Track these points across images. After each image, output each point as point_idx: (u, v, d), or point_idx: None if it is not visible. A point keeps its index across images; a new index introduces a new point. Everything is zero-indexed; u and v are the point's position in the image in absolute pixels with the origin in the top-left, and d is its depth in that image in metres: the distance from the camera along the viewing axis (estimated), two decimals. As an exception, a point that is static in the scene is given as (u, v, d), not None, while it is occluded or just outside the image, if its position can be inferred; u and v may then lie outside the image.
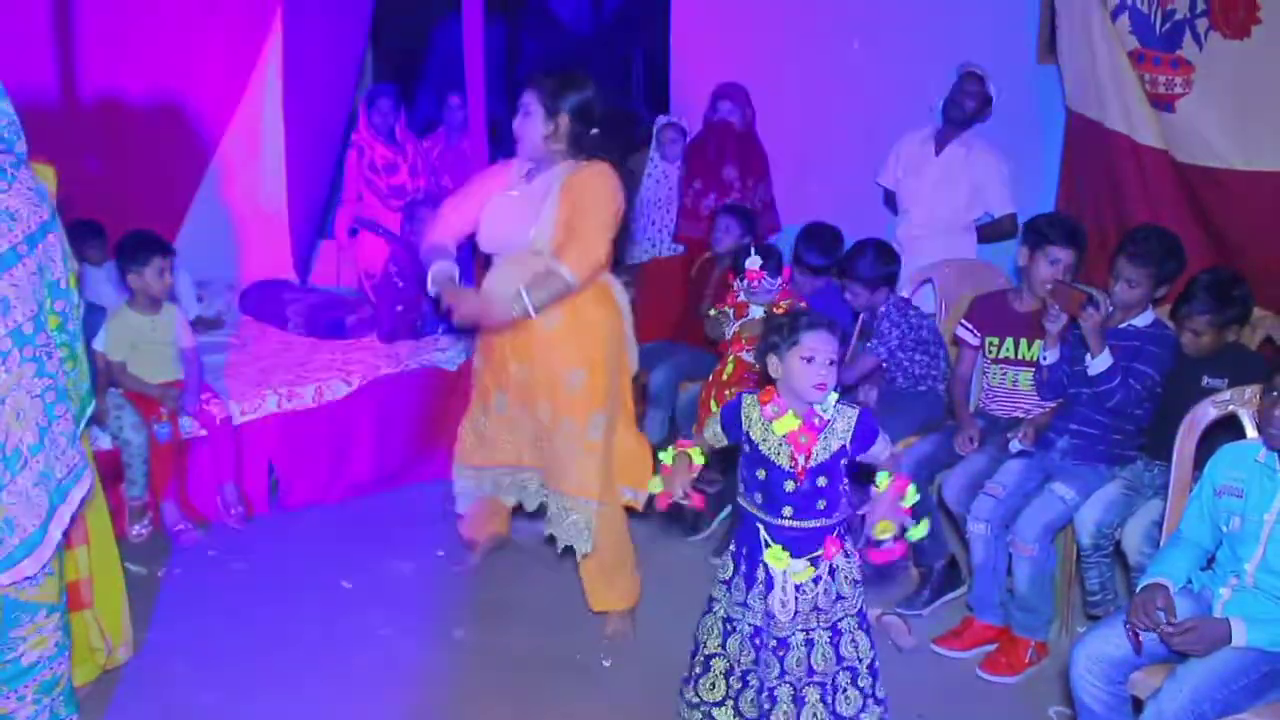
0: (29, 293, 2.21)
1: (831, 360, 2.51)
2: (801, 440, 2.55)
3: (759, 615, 2.61)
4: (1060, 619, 3.47)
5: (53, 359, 2.29)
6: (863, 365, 3.97)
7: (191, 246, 5.18)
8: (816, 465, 2.55)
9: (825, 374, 2.50)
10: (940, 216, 4.59)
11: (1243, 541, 2.49)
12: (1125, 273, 3.29)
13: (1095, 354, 3.22)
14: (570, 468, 3.29)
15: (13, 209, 2.19)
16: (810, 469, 2.55)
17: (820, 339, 2.51)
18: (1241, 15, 3.96)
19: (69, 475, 2.34)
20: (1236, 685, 2.35)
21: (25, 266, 2.21)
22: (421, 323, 4.90)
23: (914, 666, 3.38)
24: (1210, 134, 4.14)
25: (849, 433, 2.56)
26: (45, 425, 2.26)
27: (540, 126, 3.18)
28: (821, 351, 2.50)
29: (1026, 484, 3.39)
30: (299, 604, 3.68)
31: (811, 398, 2.53)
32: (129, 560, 3.55)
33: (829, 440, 2.56)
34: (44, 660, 2.43)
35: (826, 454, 2.56)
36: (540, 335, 3.21)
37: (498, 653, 3.41)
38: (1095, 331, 3.21)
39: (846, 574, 2.63)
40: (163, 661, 3.29)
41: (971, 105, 4.68)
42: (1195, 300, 3.25)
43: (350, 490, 4.50)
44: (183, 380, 4.13)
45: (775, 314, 4.03)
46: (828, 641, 2.60)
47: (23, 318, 2.19)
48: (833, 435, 2.56)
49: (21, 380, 2.20)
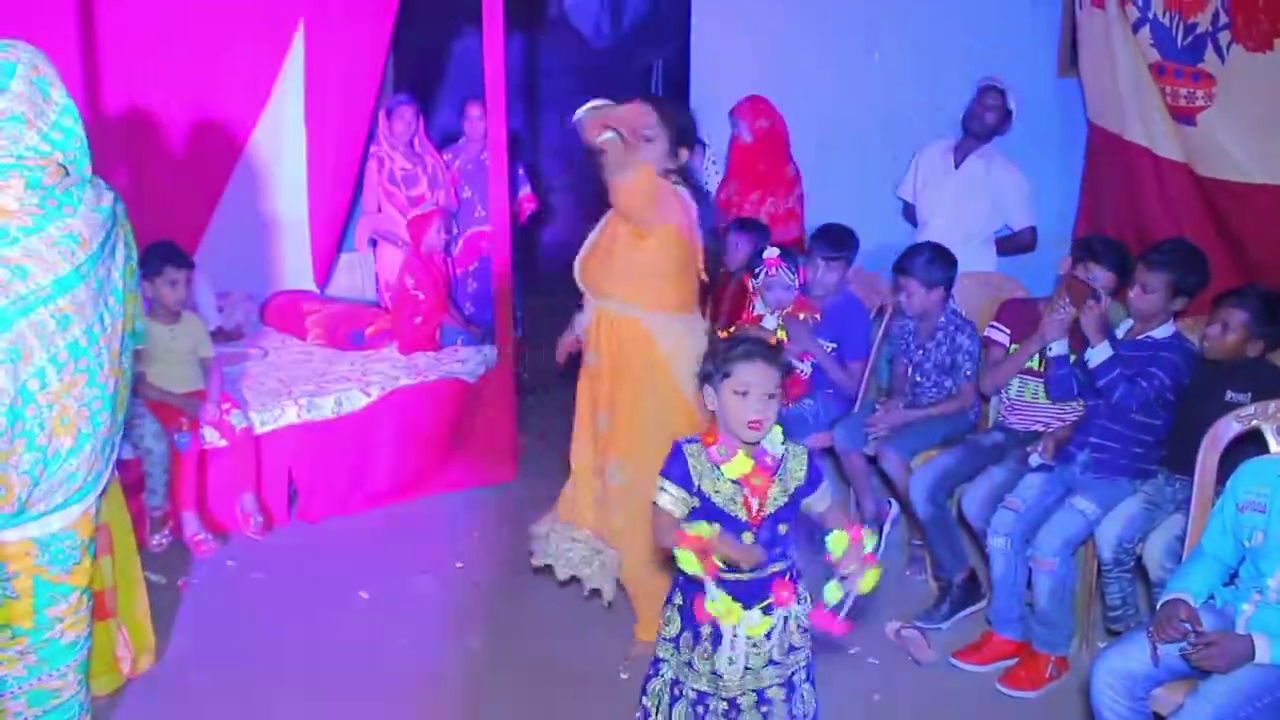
0: (89, 309, 2.31)
1: (770, 394, 2.28)
2: (755, 483, 2.33)
3: (703, 678, 2.38)
4: (1081, 634, 3.45)
5: (104, 370, 2.38)
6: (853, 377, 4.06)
7: (213, 257, 5.22)
8: (775, 511, 2.35)
9: (761, 409, 2.28)
10: (960, 229, 4.57)
11: (1265, 557, 2.48)
12: (1141, 278, 3.29)
13: (1094, 345, 3.27)
14: (598, 507, 3.35)
15: (76, 231, 2.28)
16: (768, 516, 2.35)
17: (756, 371, 2.28)
18: (1264, 28, 3.95)
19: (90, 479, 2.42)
20: (1260, 703, 2.33)
21: (88, 286, 2.30)
22: (440, 334, 4.92)
23: (933, 680, 3.37)
24: (1231, 147, 4.13)
25: (803, 472, 2.38)
26: (89, 432, 2.37)
27: (647, 115, 3.17)
28: (757, 385, 2.28)
29: (1047, 498, 3.37)
30: (317, 615, 3.69)
31: (745, 436, 2.30)
32: (149, 569, 3.55)
33: (785, 482, 2.36)
34: (81, 640, 2.53)
35: (784, 498, 2.36)
36: (588, 369, 3.34)
37: (515, 664, 3.41)
38: (1095, 324, 3.29)
39: (799, 620, 2.41)
40: (182, 671, 3.31)
41: (992, 119, 4.67)
42: (1245, 300, 3.16)
43: (369, 501, 4.51)
44: (204, 390, 4.15)
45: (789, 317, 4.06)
46: (784, 700, 2.40)
47: (80, 332, 2.29)
48: (788, 476, 2.37)
49: (73, 389, 2.30)
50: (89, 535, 2.52)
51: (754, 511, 2.33)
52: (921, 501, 3.64)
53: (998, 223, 4.76)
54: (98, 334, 2.35)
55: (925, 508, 3.64)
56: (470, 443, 4.71)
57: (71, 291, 2.27)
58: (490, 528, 4.40)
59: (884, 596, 3.81)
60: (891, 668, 3.43)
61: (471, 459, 4.72)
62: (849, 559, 2.31)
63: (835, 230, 4.24)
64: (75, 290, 2.27)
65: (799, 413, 4.05)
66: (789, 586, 2.36)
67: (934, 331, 3.94)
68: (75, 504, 2.43)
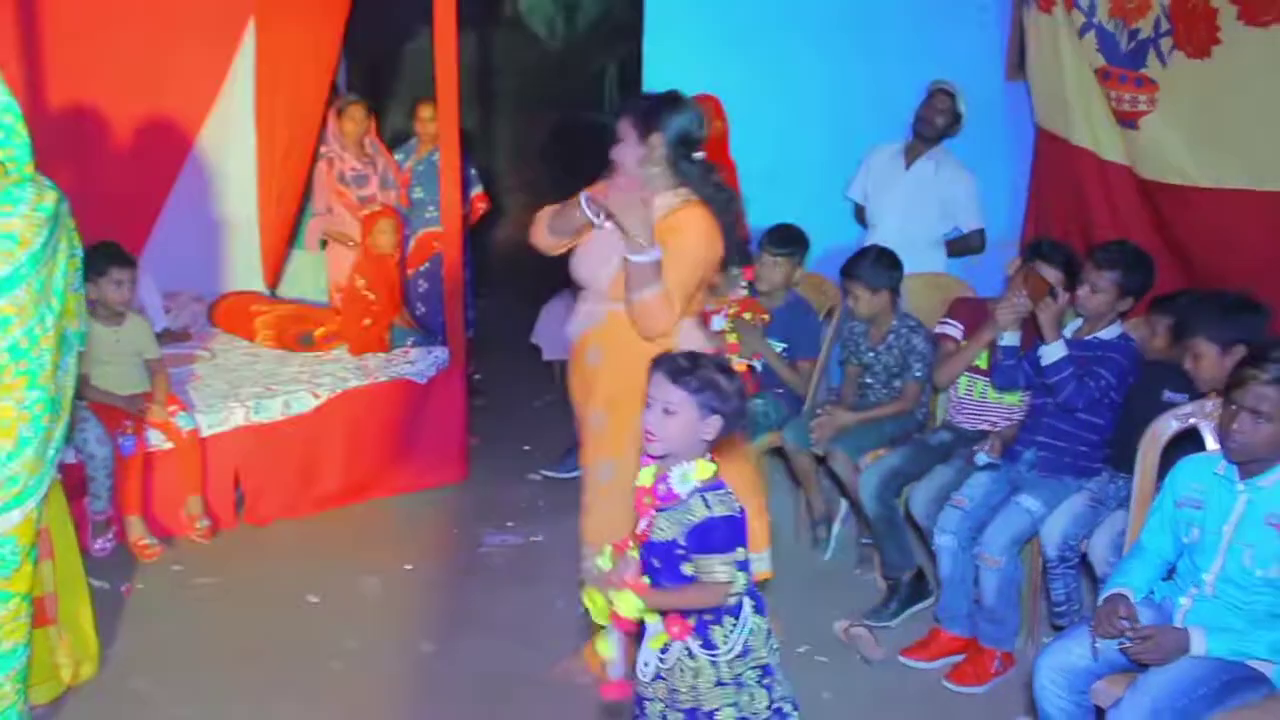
0: (30, 310, 2.28)
1: (666, 408, 2.19)
2: (644, 501, 2.26)
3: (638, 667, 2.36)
4: (1026, 630, 3.49)
5: (46, 372, 2.34)
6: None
7: (160, 257, 5.16)
8: (653, 542, 2.24)
9: (650, 420, 2.20)
10: (909, 231, 4.61)
11: (1202, 552, 2.52)
12: (1091, 278, 3.34)
13: (1049, 341, 3.31)
14: (589, 512, 3.21)
15: (15, 231, 2.26)
16: (647, 541, 2.25)
17: (653, 381, 2.22)
18: (1203, 35, 4.02)
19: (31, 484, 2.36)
20: (1196, 694, 2.37)
21: (28, 287, 2.27)
22: (391, 335, 4.88)
23: (882, 678, 3.39)
24: (1173, 151, 4.20)
25: (685, 528, 2.19)
26: (30, 436, 2.33)
27: (634, 151, 3.01)
28: (654, 396, 2.21)
29: (993, 496, 3.41)
30: (265, 619, 3.65)
31: (647, 448, 2.25)
32: (91, 575, 3.49)
33: (670, 521, 2.22)
34: (20, 648, 2.49)
35: (662, 535, 2.23)
36: (585, 370, 3.17)
37: (466, 667, 3.39)
38: (1051, 321, 3.33)
39: (702, 667, 2.27)
40: (126, 678, 3.26)
41: (941, 121, 4.72)
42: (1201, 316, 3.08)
43: (318, 503, 4.47)
44: (149, 392, 4.10)
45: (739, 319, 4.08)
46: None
47: (20, 334, 2.27)
48: (674, 520, 2.21)
49: (13, 392, 2.27)
50: (29, 541, 2.48)
51: (639, 528, 2.28)
52: (870, 500, 3.67)
53: (947, 225, 4.81)
54: (39, 335, 2.32)
55: (874, 507, 3.66)
56: (420, 444, 4.69)
57: (11, 293, 2.24)
58: (441, 529, 4.38)
59: (833, 595, 3.86)
60: (841, 666, 3.45)
61: (422, 460, 4.69)
62: (619, 569, 2.26)
63: (785, 228, 4.27)
64: (15, 292, 2.24)
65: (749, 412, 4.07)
66: (681, 621, 2.25)
67: (886, 335, 3.98)
68: (15, 509, 2.39)
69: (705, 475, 2.23)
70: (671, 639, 2.28)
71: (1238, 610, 2.48)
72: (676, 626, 2.26)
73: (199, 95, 5.34)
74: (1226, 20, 3.96)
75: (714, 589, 2.20)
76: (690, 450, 2.23)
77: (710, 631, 2.26)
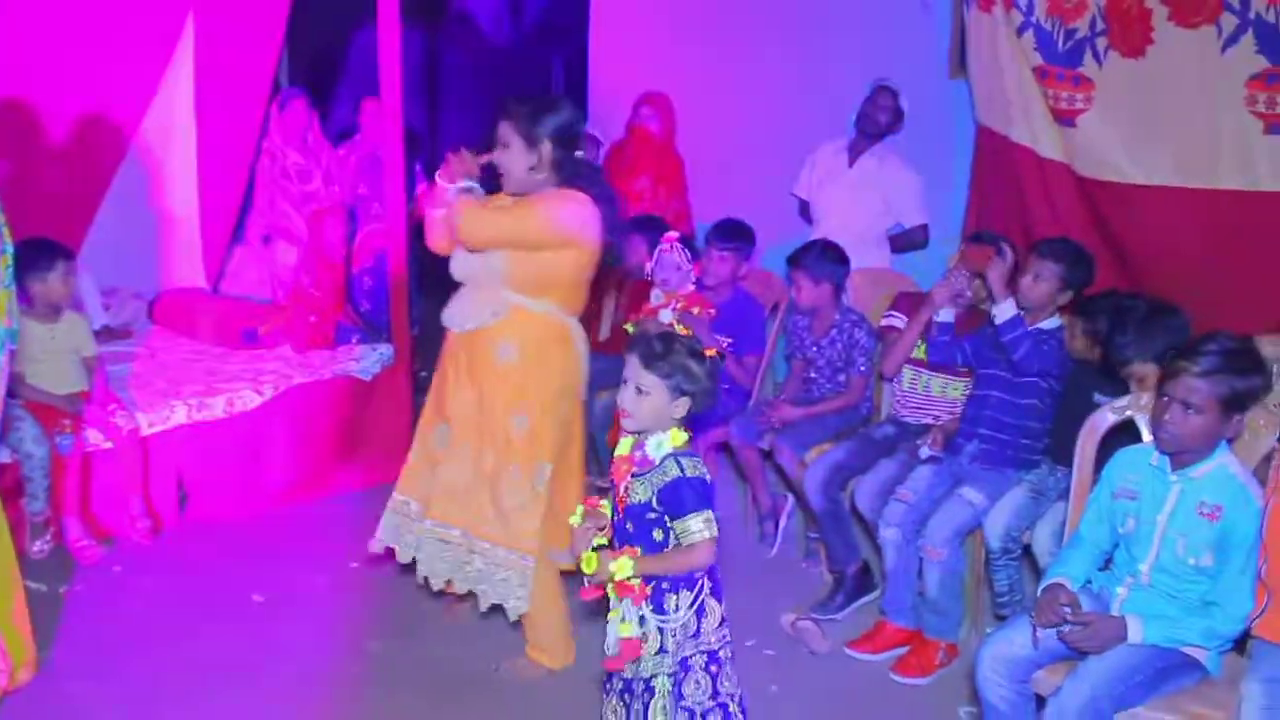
0: None
1: (639, 388, 2.36)
2: (621, 469, 2.42)
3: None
4: (970, 621, 3.54)
5: None
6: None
7: (99, 253, 5.07)
8: (628, 506, 2.40)
9: (625, 400, 2.38)
10: (854, 227, 4.66)
11: (1137, 542, 2.58)
12: (1034, 267, 3.39)
13: (999, 301, 3.34)
14: (509, 518, 3.10)
15: None
16: (625, 506, 2.40)
17: (628, 363, 2.39)
18: (1137, 35, 4.10)
19: None
20: (1133, 680, 2.42)
21: None
22: (336, 332, 4.84)
23: (828, 670, 3.43)
24: (1110, 149, 4.27)
25: (657, 489, 2.36)
26: None
27: (522, 158, 3.04)
28: (629, 377, 2.38)
29: (936, 489, 3.46)
30: (209, 620, 3.60)
31: (623, 424, 2.42)
32: (30, 578, 3.44)
33: (644, 485, 2.38)
34: None
35: (637, 498, 2.39)
36: (496, 367, 3.09)
37: (413, 666, 3.37)
38: (1000, 280, 3.37)
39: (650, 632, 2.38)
40: (64, 683, 3.20)
41: (884, 118, 4.77)
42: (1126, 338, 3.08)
43: (262, 502, 4.42)
44: (86, 391, 4.03)
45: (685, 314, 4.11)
46: (619, 693, 2.46)
47: None
48: (647, 482, 2.38)
49: None
50: None
51: (618, 496, 2.43)
52: (815, 494, 3.71)
53: (890, 220, 4.86)
54: None
55: (819, 500, 3.70)
56: (366, 442, 4.66)
57: None
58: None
59: (780, 588, 3.89)
60: (788, 659, 3.47)
61: (367, 458, 4.66)
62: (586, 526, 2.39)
63: (732, 223, 4.30)
64: None
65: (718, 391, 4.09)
66: (634, 589, 2.36)
67: (829, 329, 4.01)
68: None
69: (678, 442, 2.39)
70: (632, 604, 2.37)
71: (1172, 598, 2.53)
72: (628, 591, 2.37)
73: (137, 89, 5.25)
74: (1159, 21, 4.04)
75: (699, 548, 2.35)
76: (662, 425, 2.39)
77: (665, 598, 2.38)
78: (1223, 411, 2.44)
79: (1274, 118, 3.94)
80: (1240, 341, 2.51)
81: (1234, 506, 2.45)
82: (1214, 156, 4.07)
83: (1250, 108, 3.95)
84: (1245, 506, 2.45)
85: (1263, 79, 3.92)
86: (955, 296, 3.58)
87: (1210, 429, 2.46)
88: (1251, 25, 3.88)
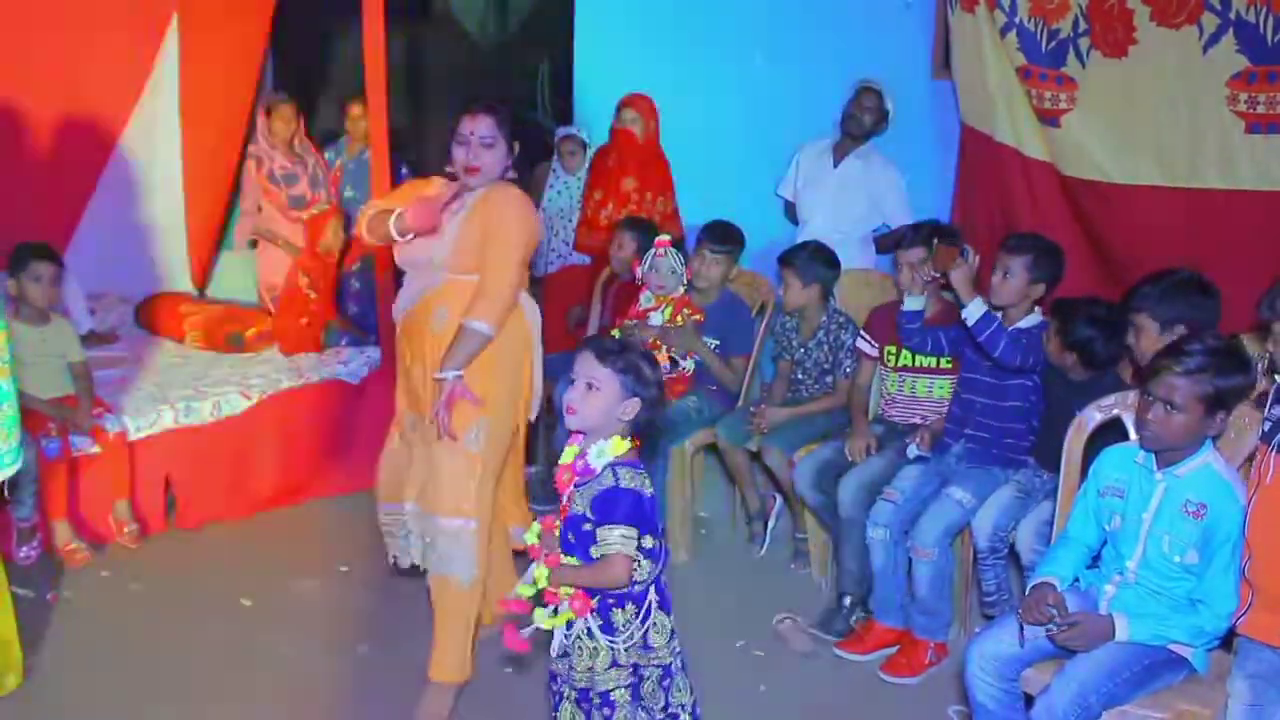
0: None
1: (590, 383, 2.32)
2: (564, 478, 2.38)
3: None
4: (959, 620, 3.55)
5: None
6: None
7: (84, 258, 5.05)
8: (569, 516, 2.36)
9: (573, 396, 2.33)
10: (839, 227, 4.67)
11: (1124, 540, 2.59)
12: (1003, 263, 3.39)
13: (966, 302, 3.32)
14: (445, 484, 3.05)
15: None
16: (567, 515, 2.36)
17: (580, 359, 2.35)
18: (1120, 35, 4.13)
19: None
20: (1120, 678, 2.44)
21: None
22: (325, 335, 4.83)
23: (817, 671, 3.44)
24: (1093, 149, 4.30)
25: (589, 502, 2.31)
26: None
27: (505, 158, 3.08)
28: (579, 373, 2.33)
29: (924, 489, 3.47)
30: (198, 624, 3.59)
31: (567, 421, 2.38)
32: (16, 584, 3.43)
33: (583, 494, 2.34)
34: None
35: (576, 509, 2.34)
36: (432, 334, 3.08)
37: (402, 669, 3.37)
38: (964, 280, 3.34)
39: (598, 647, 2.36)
40: (52, 689, 3.19)
41: (869, 119, 4.78)
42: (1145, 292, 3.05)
43: (250, 506, 4.41)
44: (74, 396, 4.01)
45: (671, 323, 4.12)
46: (575, 701, 2.43)
47: None
48: (584, 494, 2.33)
49: None
50: None
51: (563, 503, 2.38)
52: (808, 492, 3.73)
53: (875, 221, 4.88)
54: None
55: (813, 497, 3.72)
56: (354, 445, 4.64)
57: None
58: (375, 531, 4.29)
59: (768, 589, 3.90)
60: (777, 660, 3.48)
61: (355, 461, 4.63)
62: (544, 544, 2.36)
63: (723, 226, 4.30)
64: None
65: (683, 409, 4.09)
66: (584, 598, 2.33)
67: (815, 330, 4.03)
68: None
69: (620, 450, 2.34)
70: (575, 614, 2.34)
71: (1158, 596, 2.55)
72: (579, 602, 2.33)
73: (122, 93, 5.23)
74: (1141, 21, 4.07)
75: (615, 562, 2.27)
76: (606, 429, 2.34)
77: (611, 614, 2.35)
78: (1205, 411, 2.45)
79: (1255, 117, 3.97)
80: (1224, 341, 2.53)
81: (1218, 504, 2.47)
82: (1196, 156, 4.10)
83: (1232, 107, 3.98)
84: (1230, 504, 2.46)
85: (1244, 78, 3.95)
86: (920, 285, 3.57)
87: (1192, 428, 2.47)
88: (1233, 25, 3.92)
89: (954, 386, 3.67)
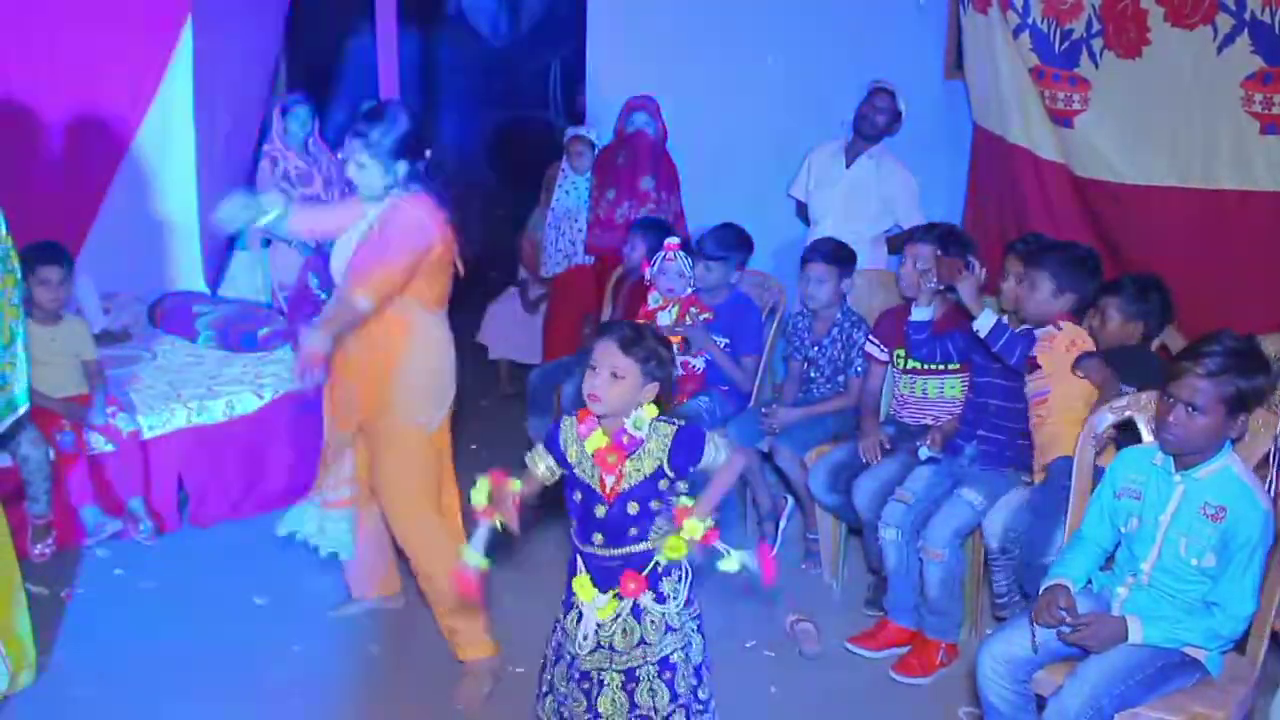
0: None
1: (614, 372, 2.37)
2: (609, 460, 2.41)
3: (575, 642, 2.49)
4: (970, 621, 3.55)
5: None
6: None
7: (98, 257, 5.06)
8: (626, 490, 2.41)
9: (596, 384, 2.38)
10: (850, 228, 4.66)
11: (1140, 541, 2.58)
12: (1014, 268, 3.37)
13: (976, 314, 3.31)
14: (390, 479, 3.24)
15: None
16: (620, 493, 2.42)
17: (601, 348, 2.40)
18: (1133, 35, 4.12)
19: None
20: (1133, 680, 2.43)
21: None
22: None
23: (827, 671, 3.43)
24: (1106, 149, 4.29)
25: (664, 451, 2.41)
26: None
27: (379, 180, 3.05)
28: (602, 362, 2.39)
29: (935, 490, 3.46)
30: (210, 622, 3.60)
31: (590, 407, 2.42)
32: (31, 581, 3.45)
33: (641, 462, 2.41)
34: None
35: (639, 476, 2.41)
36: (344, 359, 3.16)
37: (415, 668, 3.38)
38: (972, 294, 3.33)
39: (654, 619, 2.44)
40: (65, 686, 3.21)
41: (882, 120, 4.78)
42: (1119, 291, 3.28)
43: (263, 505, 4.41)
44: (86, 394, 4.03)
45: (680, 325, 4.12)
46: (619, 686, 2.45)
47: None
48: (645, 456, 2.41)
49: None
50: None
51: (608, 488, 2.42)
52: (823, 493, 3.73)
53: (887, 221, 4.87)
54: None
55: (830, 499, 3.73)
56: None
57: None
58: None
59: (779, 590, 3.89)
60: (788, 660, 3.48)
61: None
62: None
63: (721, 232, 4.29)
64: None
65: (694, 409, 4.09)
66: (636, 578, 2.43)
67: (829, 329, 4.02)
68: None
69: (654, 414, 2.43)
70: (624, 597, 2.42)
71: (1172, 599, 2.54)
72: (633, 583, 2.42)
73: (136, 94, 5.24)
74: (1155, 21, 4.06)
75: (734, 460, 2.45)
76: (628, 410, 2.41)
77: (661, 584, 2.45)
78: (1227, 412, 2.43)
79: (1270, 118, 3.95)
80: (1244, 341, 2.50)
81: (1238, 508, 2.45)
82: (1211, 157, 4.09)
83: (1247, 108, 3.97)
84: (1249, 508, 2.44)
85: (1259, 79, 3.94)
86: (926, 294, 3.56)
87: (1214, 430, 2.45)
88: (1247, 26, 3.91)
89: (965, 387, 3.66)
